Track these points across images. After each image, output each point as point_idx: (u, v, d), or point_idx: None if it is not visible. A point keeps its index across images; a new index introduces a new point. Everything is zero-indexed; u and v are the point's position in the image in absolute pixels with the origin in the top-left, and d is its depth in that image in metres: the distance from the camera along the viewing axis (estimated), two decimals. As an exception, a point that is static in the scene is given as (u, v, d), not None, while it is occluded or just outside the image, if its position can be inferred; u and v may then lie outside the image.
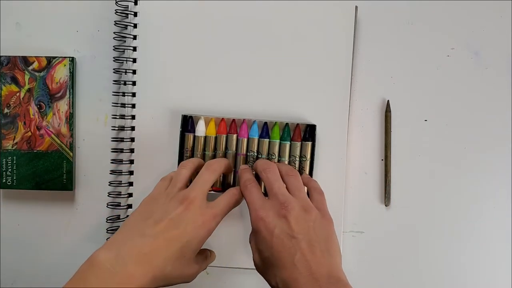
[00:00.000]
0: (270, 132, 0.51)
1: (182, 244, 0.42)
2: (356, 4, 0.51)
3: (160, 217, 0.43)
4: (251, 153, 0.51)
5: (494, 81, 0.53)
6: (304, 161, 0.51)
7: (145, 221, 0.43)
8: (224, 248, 0.53)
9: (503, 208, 0.53)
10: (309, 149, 0.51)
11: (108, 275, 0.39)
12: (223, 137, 0.51)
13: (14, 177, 0.53)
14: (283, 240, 0.41)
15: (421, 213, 0.54)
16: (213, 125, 0.51)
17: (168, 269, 0.41)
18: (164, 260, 0.41)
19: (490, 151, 0.53)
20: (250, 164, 0.50)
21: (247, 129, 0.51)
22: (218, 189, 0.51)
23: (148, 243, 0.41)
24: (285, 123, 0.51)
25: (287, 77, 0.51)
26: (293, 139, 0.51)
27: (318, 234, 0.42)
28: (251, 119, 0.51)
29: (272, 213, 0.42)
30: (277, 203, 0.43)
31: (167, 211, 0.43)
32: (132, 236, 0.42)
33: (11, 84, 0.53)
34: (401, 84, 0.53)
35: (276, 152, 0.51)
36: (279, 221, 0.42)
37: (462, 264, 0.54)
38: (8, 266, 0.55)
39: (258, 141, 0.51)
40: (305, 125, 0.51)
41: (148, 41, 0.52)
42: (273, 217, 0.42)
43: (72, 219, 0.55)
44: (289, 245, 0.41)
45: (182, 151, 0.51)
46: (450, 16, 0.53)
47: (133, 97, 0.52)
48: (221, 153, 0.51)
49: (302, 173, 0.50)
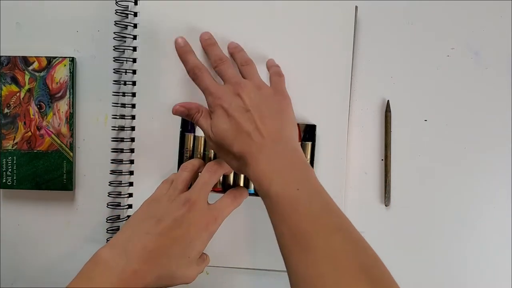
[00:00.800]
0: None
1: (186, 244, 0.42)
2: (356, 4, 0.51)
3: (163, 217, 0.43)
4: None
5: (494, 81, 0.53)
6: None
7: (148, 221, 0.43)
8: (224, 248, 0.53)
9: (503, 208, 0.53)
10: (309, 149, 0.51)
11: (113, 272, 0.39)
12: None
13: (14, 177, 0.53)
14: (239, 115, 0.43)
15: (421, 213, 0.54)
16: None
17: (172, 268, 0.41)
18: (169, 258, 0.41)
19: (490, 151, 0.53)
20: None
21: None
22: (219, 190, 0.51)
23: (153, 240, 0.41)
24: None
25: (287, 77, 0.51)
26: None
27: (270, 107, 0.44)
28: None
29: (228, 93, 0.44)
30: (231, 85, 0.45)
31: (169, 213, 0.43)
32: (136, 235, 0.42)
33: (11, 84, 0.53)
34: (401, 84, 0.53)
35: None
36: (234, 99, 0.44)
37: (462, 264, 0.54)
38: (8, 266, 0.55)
39: None
40: (304, 125, 0.51)
41: (148, 41, 0.52)
42: (228, 96, 0.44)
43: (72, 219, 0.55)
44: (244, 118, 0.43)
45: (182, 151, 0.51)
46: (450, 16, 0.53)
47: (133, 97, 0.52)
48: None
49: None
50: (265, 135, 0.42)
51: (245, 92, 0.44)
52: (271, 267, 0.53)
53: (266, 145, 0.41)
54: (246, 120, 0.42)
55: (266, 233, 0.53)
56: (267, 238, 0.53)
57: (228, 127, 0.43)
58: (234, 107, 0.43)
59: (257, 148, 0.41)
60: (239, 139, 0.42)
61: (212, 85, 0.45)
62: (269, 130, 0.42)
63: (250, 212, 0.52)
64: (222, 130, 0.43)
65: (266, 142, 0.42)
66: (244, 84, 0.45)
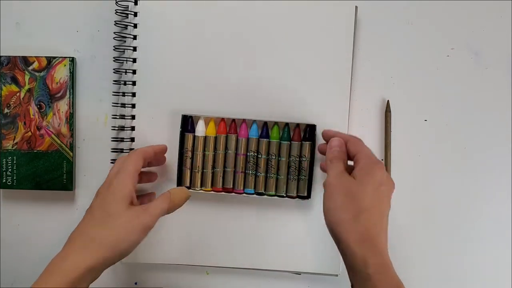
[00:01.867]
0: (270, 132, 0.51)
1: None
2: (356, 4, 0.51)
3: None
4: (251, 153, 0.51)
5: (494, 81, 0.53)
6: (304, 161, 0.51)
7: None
8: (224, 248, 0.53)
9: (503, 208, 0.53)
10: (309, 149, 0.51)
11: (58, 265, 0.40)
12: (222, 137, 0.51)
13: (14, 177, 0.53)
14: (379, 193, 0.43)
15: (421, 213, 0.54)
16: (213, 125, 0.51)
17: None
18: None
19: (490, 151, 0.53)
20: (251, 165, 0.50)
21: (247, 129, 0.51)
22: (218, 190, 0.51)
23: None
24: (285, 123, 0.51)
25: (287, 77, 0.51)
26: (293, 139, 0.51)
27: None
28: (250, 119, 0.51)
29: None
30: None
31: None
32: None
33: (11, 84, 0.53)
34: (401, 84, 0.53)
35: (275, 152, 0.51)
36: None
37: (462, 264, 0.54)
38: (8, 266, 0.55)
39: (258, 141, 0.51)
40: (305, 125, 0.51)
41: (148, 41, 0.52)
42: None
43: (72, 219, 0.55)
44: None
45: (182, 151, 0.51)
46: (450, 16, 0.53)
47: (133, 97, 0.52)
48: (221, 153, 0.51)
49: (301, 173, 0.51)
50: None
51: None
52: (271, 267, 0.53)
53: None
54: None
55: (266, 233, 0.53)
56: (267, 238, 0.53)
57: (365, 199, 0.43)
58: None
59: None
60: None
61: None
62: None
63: (250, 212, 0.52)
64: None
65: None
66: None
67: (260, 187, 0.51)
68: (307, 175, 0.51)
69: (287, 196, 0.51)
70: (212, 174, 0.51)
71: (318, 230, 0.52)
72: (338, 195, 0.42)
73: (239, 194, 0.52)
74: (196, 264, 0.53)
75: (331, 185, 0.42)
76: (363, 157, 0.44)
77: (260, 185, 0.51)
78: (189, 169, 0.51)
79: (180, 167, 0.51)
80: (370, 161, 0.43)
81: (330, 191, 0.42)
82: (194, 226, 0.53)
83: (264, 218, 0.53)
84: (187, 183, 0.51)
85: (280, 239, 0.53)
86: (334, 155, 0.45)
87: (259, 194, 0.52)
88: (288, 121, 0.51)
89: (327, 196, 0.42)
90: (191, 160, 0.51)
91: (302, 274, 0.54)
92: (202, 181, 0.51)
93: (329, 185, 0.43)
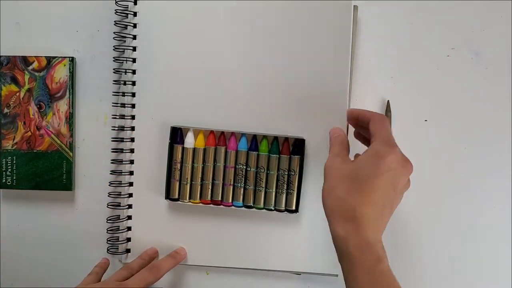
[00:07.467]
0: (259, 145, 0.51)
1: None
2: (356, 4, 0.51)
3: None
4: (239, 165, 0.51)
5: (494, 81, 0.53)
6: (293, 175, 0.51)
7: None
8: (224, 248, 0.53)
9: (503, 208, 0.53)
10: (297, 163, 0.50)
11: None
12: (212, 149, 0.51)
13: (14, 177, 0.53)
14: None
15: (421, 213, 0.54)
16: (202, 137, 0.51)
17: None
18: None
19: (490, 151, 0.53)
20: (239, 177, 0.51)
21: (236, 141, 0.51)
22: (207, 202, 0.51)
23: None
24: (274, 137, 0.51)
25: (286, 78, 0.51)
26: (282, 153, 0.51)
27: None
28: (240, 131, 0.51)
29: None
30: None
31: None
32: None
33: (11, 84, 0.53)
34: (401, 84, 0.53)
35: (264, 165, 0.51)
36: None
37: (462, 264, 0.54)
38: (8, 266, 0.55)
39: (247, 153, 0.51)
40: (293, 139, 0.51)
41: (148, 41, 0.52)
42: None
43: (72, 219, 0.55)
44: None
45: (171, 162, 0.51)
46: (450, 16, 0.53)
47: (133, 97, 0.52)
48: (210, 165, 0.51)
49: (290, 187, 0.51)
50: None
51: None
52: (271, 267, 0.53)
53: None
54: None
55: (265, 233, 0.53)
56: (267, 238, 0.53)
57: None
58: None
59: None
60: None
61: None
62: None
63: (250, 212, 0.52)
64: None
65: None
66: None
67: (249, 200, 0.51)
68: (296, 189, 0.51)
69: (276, 210, 0.51)
70: (200, 186, 0.51)
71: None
72: (329, 177, 0.43)
73: (228, 207, 0.52)
74: (196, 264, 0.53)
75: (326, 168, 0.44)
76: (375, 139, 0.43)
77: (249, 198, 0.51)
78: (178, 181, 0.51)
79: (169, 179, 0.51)
80: (377, 146, 0.42)
81: (325, 174, 0.44)
82: (194, 226, 0.53)
83: (264, 218, 0.53)
84: (175, 195, 0.51)
85: (280, 239, 0.53)
86: (331, 141, 0.48)
87: (247, 207, 0.52)
88: (278, 134, 0.51)
89: (324, 180, 0.44)
90: (180, 172, 0.51)
91: (302, 274, 0.54)
92: (190, 193, 0.51)
93: (324, 169, 0.44)
